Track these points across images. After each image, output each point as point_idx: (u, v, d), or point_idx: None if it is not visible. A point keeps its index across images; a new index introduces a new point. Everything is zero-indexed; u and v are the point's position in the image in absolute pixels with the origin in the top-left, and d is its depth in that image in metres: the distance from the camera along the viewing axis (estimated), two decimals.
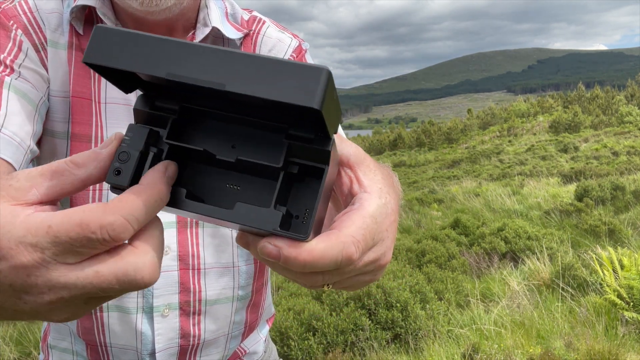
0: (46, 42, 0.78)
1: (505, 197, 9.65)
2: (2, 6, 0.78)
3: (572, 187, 9.68)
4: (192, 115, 0.36)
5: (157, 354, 0.84)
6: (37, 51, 0.77)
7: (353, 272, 0.40)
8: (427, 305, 3.80)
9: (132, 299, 0.82)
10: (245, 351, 0.99)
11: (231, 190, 0.36)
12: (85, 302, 0.34)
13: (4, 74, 0.70)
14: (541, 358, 2.91)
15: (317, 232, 0.36)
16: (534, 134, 32.38)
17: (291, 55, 0.91)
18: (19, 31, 0.76)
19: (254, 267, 0.91)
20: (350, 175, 0.42)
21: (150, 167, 0.34)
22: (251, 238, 0.37)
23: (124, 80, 0.36)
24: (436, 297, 4.07)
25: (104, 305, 0.80)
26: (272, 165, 0.34)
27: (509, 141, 30.31)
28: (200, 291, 0.84)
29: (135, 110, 0.36)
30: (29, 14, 0.78)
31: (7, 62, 0.71)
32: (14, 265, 0.30)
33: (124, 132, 0.38)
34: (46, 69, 0.77)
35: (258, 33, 0.91)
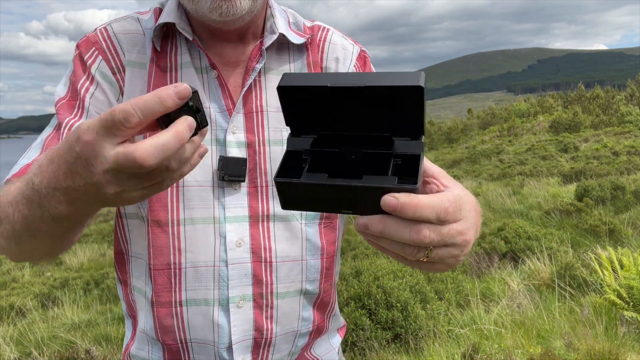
0: (122, 64, 0.88)
1: (505, 197, 9.65)
2: (88, 35, 0.91)
3: (572, 187, 9.67)
4: (325, 138, 0.54)
5: (233, 346, 0.87)
6: (114, 74, 0.88)
7: (447, 237, 0.51)
8: (427, 305, 3.80)
9: (209, 291, 0.86)
10: (317, 359, 1.01)
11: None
12: (127, 178, 0.53)
13: (75, 118, 0.84)
14: (541, 358, 2.91)
15: None
16: (534, 134, 32.36)
17: (356, 63, 0.99)
18: (98, 58, 0.88)
19: (321, 262, 0.94)
20: (436, 183, 0.56)
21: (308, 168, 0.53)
22: (368, 218, 0.50)
23: (293, 117, 0.53)
24: (436, 297, 4.07)
25: (184, 299, 0.87)
26: (387, 152, 0.51)
27: (509, 141, 30.29)
28: (271, 284, 0.89)
29: (289, 139, 0.54)
30: (107, 40, 0.89)
31: (82, 96, 0.85)
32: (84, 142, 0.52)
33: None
34: (121, 90, 0.88)
35: (324, 40, 0.99)
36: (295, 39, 0.93)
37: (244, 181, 0.88)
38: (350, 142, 0.53)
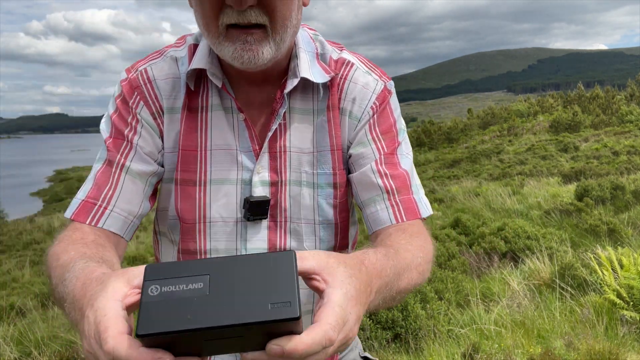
0: (162, 110, 0.95)
1: (505, 196, 9.65)
2: (129, 75, 0.96)
3: (572, 187, 9.67)
4: None
5: None
6: (155, 119, 0.95)
7: (334, 351, 0.55)
8: (427, 305, 3.80)
9: None
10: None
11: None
12: None
13: (123, 158, 0.92)
14: (541, 358, 2.91)
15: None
16: (534, 134, 32.33)
17: (374, 103, 0.97)
18: (140, 103, 0.94)
19: None
20: (318, 279, 0.58)
21: None
22: (253, 355, 0.51)
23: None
24: (436, 296, 4.07)
25: None
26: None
27: (509, 141, 30.28)
28: None
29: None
30: (148, 84, 0.95)
31: (129, 136, 0.92)
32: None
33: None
34: (161, 134, 0.95)
35: (345, 78, 0.98)
36: (319, 77, 0.94)
37: (266, 219, 0.95)
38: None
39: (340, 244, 1.02)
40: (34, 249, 11.41)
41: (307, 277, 0.58)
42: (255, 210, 0.93)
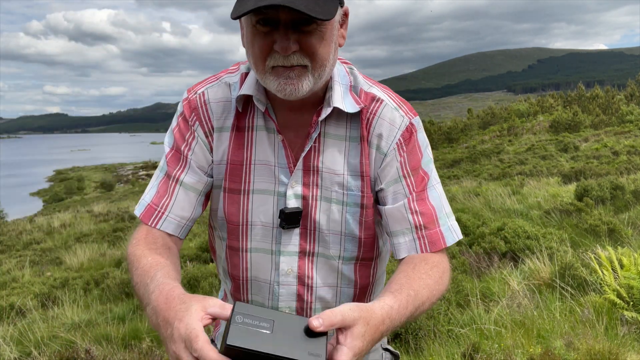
0: (213, 129, 1.11)
1: (505, 196, 9.65)
2: (189, 96, 1.13)
3: (572, 187, 9.67)
4: None
5: None
6: (207, 137, 1.11)
7: None
8: None
9: (265, 300, 1.16)
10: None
11: None
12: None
13: (179, 172, 1.10)
14: (541, 358, 2.91)
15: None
16: (534, 134, 32.33)
17: (399, 140, 1.08)
18: (197, 123, 1.11)
19: (354, 290, 1.19)
20: (343, 332, 0.77)
21: None
22: None
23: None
24: None
25: (249, 299, 1.19)
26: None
27: (509, 141, 30.27)
28: (311, 302, 1.15)
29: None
30: (203, 107, 1.11)
31: (185, 152, 1.10)
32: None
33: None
34: (211, 149, 1.12)
35: (374, 115, 1.09)
36: (350, 107, 1.06)
37: (298, 227, 1.10)
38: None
39: (364, 256, 1.16)
40: (34, 249, 11.41)
41: (337, 328, 0.77)
42: (289, 220, 1.08)
